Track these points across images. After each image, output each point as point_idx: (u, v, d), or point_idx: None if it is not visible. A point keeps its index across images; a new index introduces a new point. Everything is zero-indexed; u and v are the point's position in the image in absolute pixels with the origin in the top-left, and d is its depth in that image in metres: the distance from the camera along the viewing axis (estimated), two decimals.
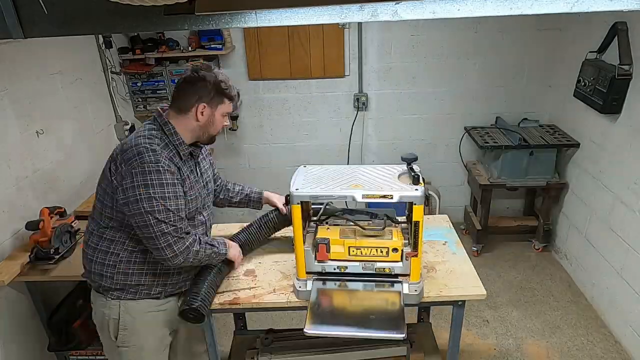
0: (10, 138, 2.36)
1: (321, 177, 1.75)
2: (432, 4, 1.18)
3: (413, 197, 1.59)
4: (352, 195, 1.62)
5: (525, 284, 3.37)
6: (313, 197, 1.66)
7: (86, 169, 3.00)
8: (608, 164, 2.92)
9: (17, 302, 2.37)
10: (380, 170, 1.78)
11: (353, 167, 1.84)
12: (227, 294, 1.85)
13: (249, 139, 3.94)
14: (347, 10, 1.21)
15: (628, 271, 2.70)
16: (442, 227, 2.27)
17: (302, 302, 1.79)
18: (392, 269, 1.74)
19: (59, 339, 2.42)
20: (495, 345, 2.82)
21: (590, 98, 2.93)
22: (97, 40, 3.16)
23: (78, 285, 2.57)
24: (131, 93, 3.57)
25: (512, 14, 1.17)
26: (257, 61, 3.62)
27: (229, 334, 2.54)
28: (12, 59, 2.39)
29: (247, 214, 4.17)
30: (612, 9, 1.12)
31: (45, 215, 2.29)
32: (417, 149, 3.90)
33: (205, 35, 3.43)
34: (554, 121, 3.67)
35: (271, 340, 2.17)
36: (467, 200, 4.06)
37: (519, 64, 3.63)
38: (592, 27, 3.03)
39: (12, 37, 1.30)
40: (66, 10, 1.27)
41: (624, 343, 2.77)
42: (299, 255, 1.74)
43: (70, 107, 2.86)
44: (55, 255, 2.25)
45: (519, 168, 3.41)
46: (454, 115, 3.80)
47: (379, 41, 3.57)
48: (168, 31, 3.38)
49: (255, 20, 1.25)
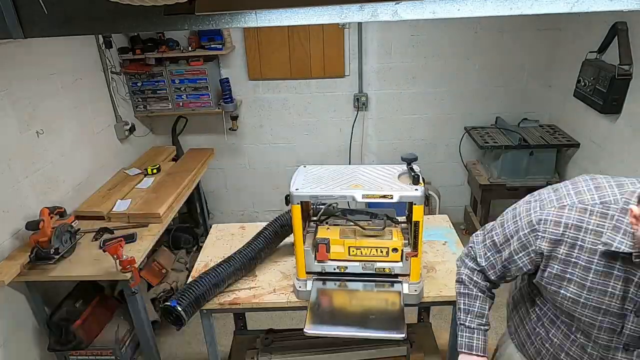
0: (10, 138, 2.36)
1: (321, 177, 1.75)
2: (432, 4, 1.18)
3: (413, 197, 1.59)
4: (352, 195, 1.61)
5: None
6: (313, 197, 1.66)
7: (86, 169, 3.00)
8: (608, 164, 2.91)
9: (17, 302, 2.37)
10: (380, 170, 1.78)
11: (353, 167, 1.84)
12: (227, 294, 1.85)
13: (249, 139, 3.94)
14: (347, 10, 1.21)
15: None
16: (442, 227, 2.27)
17: (302, 302, 1.79)
18: (392, 269, 1.74)
19: (59, 339, 2.42)
20: (495, 345, 2.81)
21: (590, 98, 2.93)
22: (97, 40, 3.16)
23: (78, 285, 2.57)
24: (131, 93, 3.57)
25: (512, 14, 1.17)
26: (257, 61, 3.62)
27: (229, 334, 2.54)
28: (12, 59, 2.39)
29: (248, 214, 4.18)
30: (612, 9, 1.12)
31: (45, 215, 2.29)
32: (417, 149, 3.91)
33: (205, 35, 3.42)
34: (554, 121, 3.67)
35: (271, 340, 2.17)
36: (467, 200, 4.06)
37: (519, 64, 3.63)
38: (592, 27, 3.03)
39: (12, 37, 1.30)
40: (66, 10, 1.28)
41: None
42: (299, 255, 1.74)
43: (70, 107, 2.86)
44: (55, 255, 2.24)
45: (519, 168, 3.41)
46: (454, 115, 3.80)
47: (379, 41, 3.57)
48: (168, 31, 3.38)
49: (255, 20, 1.25)
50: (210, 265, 2.03)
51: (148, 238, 2.47)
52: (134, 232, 2.51)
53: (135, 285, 2.25)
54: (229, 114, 3.68)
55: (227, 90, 3.54)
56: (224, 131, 3.82)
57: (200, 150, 3.70)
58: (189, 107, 3.60)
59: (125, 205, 2.75)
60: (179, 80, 3.51)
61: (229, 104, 3.57)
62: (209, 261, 2.07)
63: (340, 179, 1.72)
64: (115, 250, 2.10)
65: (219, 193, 4.16)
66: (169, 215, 2.74)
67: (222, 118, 3.77)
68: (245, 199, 4.17)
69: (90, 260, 2.29)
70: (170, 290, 2.85)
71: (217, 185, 4.12)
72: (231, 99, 3.58)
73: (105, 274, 2.20)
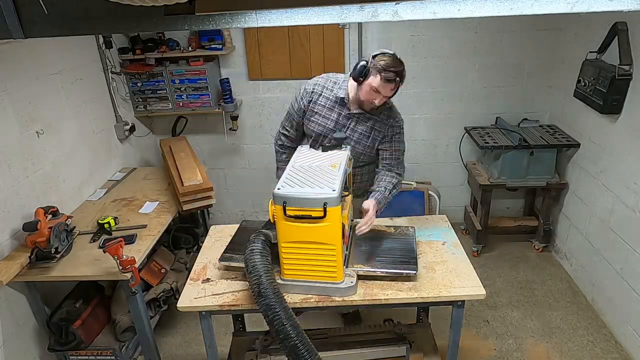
0: (10, 138, 2.36)
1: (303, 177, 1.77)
2: (432, 4, 1.18)
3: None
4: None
5: (525, 284, 3.37)
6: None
7: (86, 169, 3.00)
8: (608, 164, 2.91)
9: (17, 302, 2.36)
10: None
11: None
12: (227, 295, 1.85)
13: (249, 139, 3.94)
14: (347, 10, 1.21)
15: (628, 271, 2.70)
16: (441, 227, 2.27)
17: (300, 304, 1.79)
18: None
19: (59, 339, 2.42)
20: (495, 345, 2.81)
21: (590, 98, 2.93)
22: (97, 40, 3.16)
23: (78, 285, 2.57)
24: (131, 93, 3.57)
25: (512, 14, 1.17)
26: (257, 61, 3.62)
27: (228, 335, 2.54)
28: (12, 59, 2.39)
29: (247, 214, 4.18)
30: (612, 9, 1.12)
31: (41, 216, 2.29)
32: (417, 149, 3.91)
33: (205, 36, 3.42)
34: (554, 121, 3.67)
35: (270, 341, 2.17)
36: (467, 200, 4.06)
37: (519, 64, 3.63)
38: (592, 27, 3.03)
39: (13, 37, 1.30)
40: (66, 10, 1.28)
41: (624, 343, 2.77)
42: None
43: (70, 107, 2.86)
44: (55, 254, 2.25)
45: (519, 168, 3.41)
46: (454, 115, 3.80)
47: (379, 41, 3.57)
48: (168, 31, 3.38)
49: (256, 20, 1.25)
50: (209, 266, 2.04)
51: (148, 238, 2.47)
52: (133, 232, 2.50)
53: (136, 285, 2.25)
54: (229, 114, 3.67)
55: (227, 90, 3.54)
56: (224, 131, 3.82)
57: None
58: (189, 107, 3.60)
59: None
60: (179, 80, 3.51)
61: (229, 104, 3.57)
62: (208, 262, 2.07)
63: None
64: (116, 250, 2.10)
65: (219, 193, 4.15)
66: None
67: (222, 118, 3.77)
68: (245, 199, 4.17)
69: (91, 260, 2.29)
70: (169, 290, 2.85)
71: (217, 185, 4.11)
72: (231, 99, 3.58)
73: (105, 274, 2.20)
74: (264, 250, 1.70)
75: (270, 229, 1.80)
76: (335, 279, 1.78)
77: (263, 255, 1.68)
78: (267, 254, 1.71)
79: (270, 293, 1.58)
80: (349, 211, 1.94)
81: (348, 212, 1.91)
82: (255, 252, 1.68)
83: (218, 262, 1.99)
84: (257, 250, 1.69)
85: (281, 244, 1.74)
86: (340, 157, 1.91)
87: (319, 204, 1.62)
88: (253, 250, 1.69)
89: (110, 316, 2.62)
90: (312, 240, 1.70)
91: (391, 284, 1.85)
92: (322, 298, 1.80)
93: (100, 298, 2.63)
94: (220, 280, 1.95)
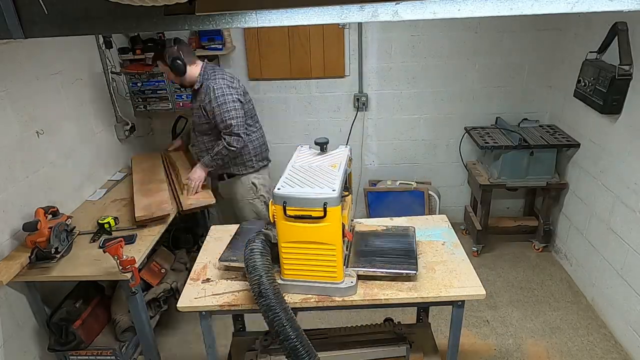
0: (10, 138, 2.36)
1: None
2: (432, 4, 1.18)
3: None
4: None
5: (525, 284, 3.37)
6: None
7: (86, 169, 3.00)
8: (608, 164, 2.91)
9: (17, 302, 2.36)
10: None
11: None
12: (227, 295, 1.85)
13: None
14: (347, 10, 1.21)
15: (628, 271, 2.70)
16: (441, 227, 2.27)
17: (300, 304, 1.80)
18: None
19: (59, 339, 2.42)
20: (495, 345, 2.82)
21: (590, 98, 2.93)
22: (97, 40, 3.16)
23: (78, 285, 2.57)
24: (131, 93, 3.57)
25: (512, 14, 1.17)
26: (257, 61, 3.62)
27: (228, 335, 2.53)
28: (12, 59, 2.39)
29: None
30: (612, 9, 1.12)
31: (41, 216, 2.29)
32: (417, 149, 3.91)
33: (205, 36, 3.43)
34: (554, 121, 3.67)
35: (270, 341, 2.17)
36: (467, 200, 4.06)
37: (519, 64, 3.63)
38: (592, 27, 3.03)
39: (13, 37, 1.30)
40: (66, 10, 1.28)
41: (624, 343, 2.77)
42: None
43: (70, 107, 2.86)
44: (56, 254, 2.25)
45: (519, 168, 3.41)
46: (454, 115, 3.80)
47: (379, 41, 3.57)
48: (168, 31, 3.37)
49: (256, 20, 1.25)
50: (210, 266, 2.04)
51: (148, 238, 2.47)
52: (133, 232, 2.50)
53: (136, 285, 2.25)
54: None
55: None
56: None
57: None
58: (189, 107, 3.60)
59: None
60: None
61: None
62: (208, 262, 2.07)
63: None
64: (116, 250, 2.10)
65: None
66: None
67: None
68: None
69: (91, 260, 2.29)
70: (169, 290, 2.84)
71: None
72: None
73: (105, 274, 2.20)
74: (264, 250, 1.70)
75: (270, 229, 1.80)
76: (335, 279, 1.77)
77: (263, 255, 1.68)
78: (267, 254, 1.71)
79: (270, 293, 1.58)
80: (348, 211, 1.94)
81: (348, 212, 1.91)
82: (255, 252, 1.68)
83: (218, 262, 1.99)
84: (257, 250, 1.69)
85: (281, 244, 1.73)
86: (340, 157, 1.91)
87: (319, 204, 1.62)
88: (253, 250, 1.69)
89: (110, 316, 2.62)
90: (312, 240, 1.69)
91: (391, 284, 1.85)
92: (322, 298, 1.80)
93: (100, 298, 2.63)
94: (220, 280, 1.95)
